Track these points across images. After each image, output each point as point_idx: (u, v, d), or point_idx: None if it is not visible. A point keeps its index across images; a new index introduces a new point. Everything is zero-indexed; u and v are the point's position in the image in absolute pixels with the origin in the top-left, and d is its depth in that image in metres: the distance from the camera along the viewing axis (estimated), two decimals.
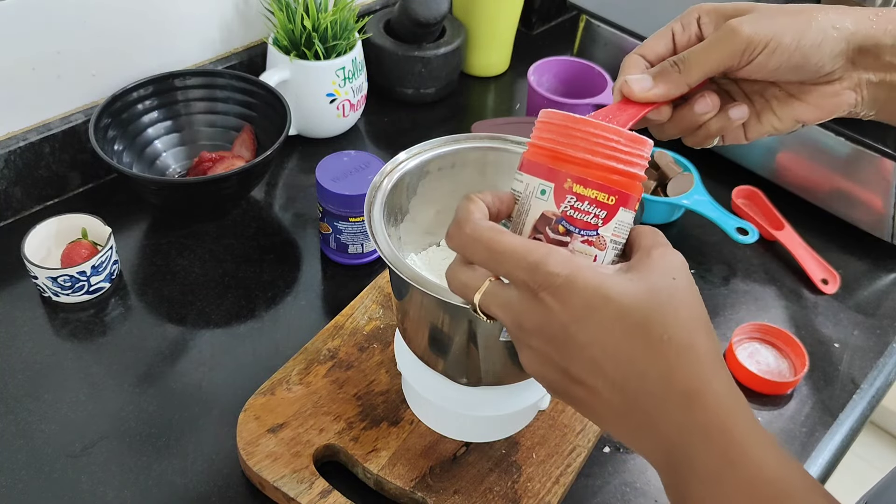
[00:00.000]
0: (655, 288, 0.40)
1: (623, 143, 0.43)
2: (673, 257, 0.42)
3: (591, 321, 0.39)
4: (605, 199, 0.42)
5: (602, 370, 0.39)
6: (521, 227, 0.45)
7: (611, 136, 0.43)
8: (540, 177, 0.44)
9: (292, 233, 0.87)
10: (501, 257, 0.41)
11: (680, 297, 0.40)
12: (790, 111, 0.52)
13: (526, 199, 0.44)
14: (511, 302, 0.41)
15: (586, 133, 0.43)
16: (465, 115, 1.08)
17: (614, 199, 0.43)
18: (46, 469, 0.64)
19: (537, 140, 0.45)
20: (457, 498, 0.62)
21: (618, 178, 0.43)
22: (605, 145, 0.42)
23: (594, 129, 0.43)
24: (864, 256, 0.90)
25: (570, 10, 1.29)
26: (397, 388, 0.69)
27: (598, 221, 0.43)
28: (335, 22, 0.91)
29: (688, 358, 0.39)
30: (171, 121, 0.90)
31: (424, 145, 0.62)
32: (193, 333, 0.76)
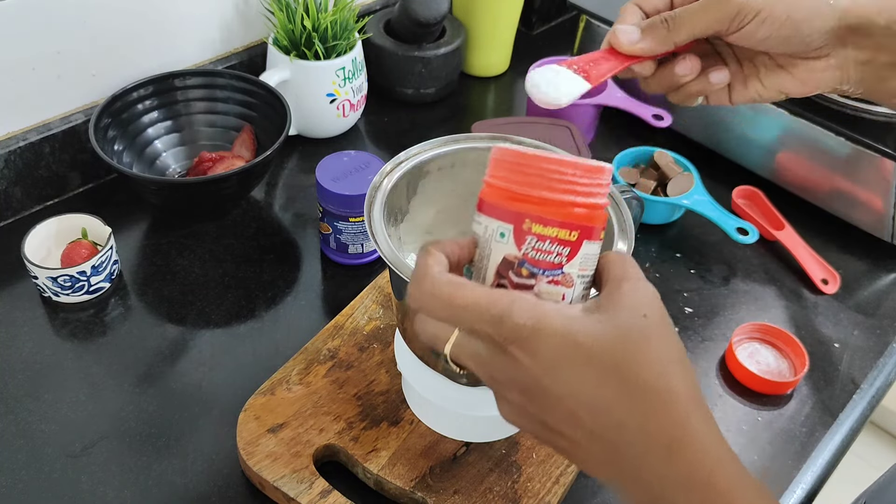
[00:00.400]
0: (626, 329, 0.38)
1: (580, 174, 0.40)
2: (643, 291, 0.40)
3: (563, 371, 0.38)
4: (567, 236, 0.40)
5: (579, 421, 0.38)
6: (484, 273, 0.42)
7: (566, 169, 0.40)
8: (498, 218, 0.42)
9: (292, 233, 0.87)
10: (463, 313, 0.39)
11: (652, 337, 0.38)
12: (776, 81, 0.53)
13: (486, 242, 0.42)
14: (480, 354, 0.40)
15: (540, 169, 0.40)
16: (465, 115, 1.08)
17: (577, 234, 0.41)
18: (46, 469, 0.64)
19: (491, 179, 0.43)
20: (457, 498, 0.62)
21: (579, 211, 0.40)
22: (560, 180, 0.40)
23: (548, 165, 0.40)
24: (864, 256, 0.90)
25: (570, 10, 1.29)
26: (397, 388, 0.69)
27: (562, 259, 0.41)
28: (335, 22, 0.91)
29: (665, 404, 0.38)
30: (171, 121, 0.90)
31: (424, 145, 0.62)
32: (193, 333, 0.76)
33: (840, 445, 0.73)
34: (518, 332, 0.38)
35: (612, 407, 0.38)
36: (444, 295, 0.40)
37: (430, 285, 0.40)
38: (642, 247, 0.89)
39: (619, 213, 0.58)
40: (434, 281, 0.40)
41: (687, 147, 0.99)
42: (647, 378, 0.38)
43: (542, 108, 0.54)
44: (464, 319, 0.39)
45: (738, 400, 0.75)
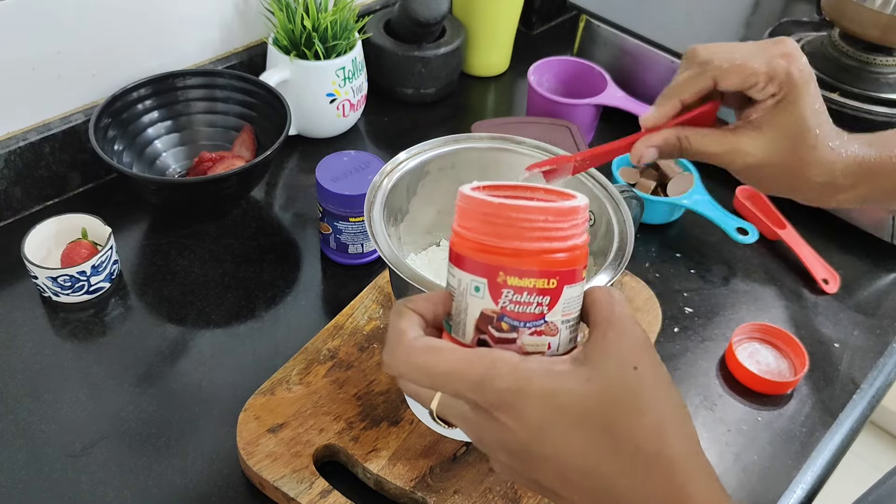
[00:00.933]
0: (615, 386, 0.36)
1: (552, 219, 0.38)
2: (631, 338, 0.38)
3: (550, 435, 0.36)
4: (546, 285, 0.38)
5: (570, 483, 0.37)
6: (463, 328, 0.40)
7: (536, 216, 0.37)
8: (470, 272, 0.39)
9: (292, 233, 0.87)
10: (442, 380, 0.38)
11: (643, 395, 0.37)
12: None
13: (462, 296, 0.40)
14: (467, 416, 0.39)
15: (508, 219, 0.38)
16: (465, 115, 1.08)
17: (556, 282, 0.38)
18: (46, 469, 0.64)
19: (459, 229, 0.40)
20: (457, 498, 0.62)
21: (558, 256, 0.38)
22: (532, 227, 0.37)
23: (516, 214, 0.37)
24: (864, 256, 0.90)
25: (570, 10, 1.29)
26: (397, 388, 0.69)
27: (543, 309, 0.38)
28: (335, 22, 0.91)
29: (659, 469, 0.36)
30: (171, 121, 0.90)
31: (424, 145, 0.62)
32: (193, 333, 0.76)
33: (840, 445, 0.73)
34: (501, 396, 0.37)
35: (602, 471, 0.36)
36: (421, 364, 0.38)
37: (405, 353, 0.39)
38: (642, 247, 0.89)
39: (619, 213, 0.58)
40: (409, 349, 0.39)
41: None
42: (638, 442, 0.36)
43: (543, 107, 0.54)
44: (444, 387, 0.38)
45: (738, 400, 0.75)
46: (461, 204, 0.40)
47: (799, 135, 0.50)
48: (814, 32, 1.02)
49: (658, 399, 0.37)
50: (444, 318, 0.42)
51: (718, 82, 0.50)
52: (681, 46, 0.98)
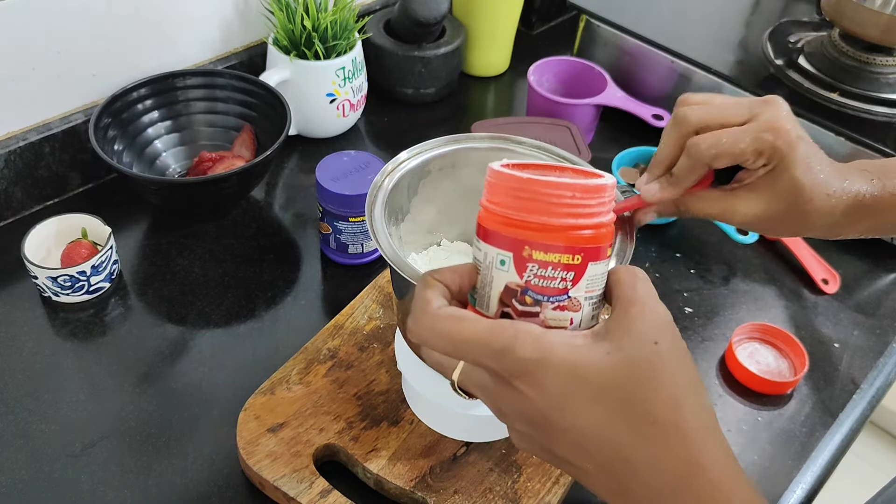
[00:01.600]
0: (634, 361, 0.37)
1: (578, 196, 0.38)
2: (652, 315, 0.39)
3: (569, 406, 0.37)
4: (570, 261, 0.39)
5: (588, 454, 0.38)
6: (487, 301, 0.41)
7: (564, 192, 0.38)
8: (497, 246, 0.40)
9: (292, 233, 0.87)
10: (466, 347, 0.39)
11: (663, 368, 0.38)
12: None
13: (487, 269, 0.41)
14: (487, 386, 0.40)
15: (537, 194, 0.38)
16: (465, 115, 1.08)
17: (581, 258, 0.39)
18: (46, 469, 0.64)
19: (487, 203, 0.41)
20: (457, 498, 0.62)
21: (584, 233, 0.39)
22: (560, 203, 0.38)
23: (545, 189, 0.38)
24: (864, 256, 0.90)
25: (570, 10, 1.29)
26: (397, 387, 0.69)
27: (567, 284, 0.39)
28: (335, 22, 0.91)
29: (675, 440, 0.37)
30: (171, 121, 0.90)
31: (425, 145, 0.62)
32: (193, 333, 0.76)
33: (840, 445, 0.73)
34: (522, 366, 0.37)
35: (621, 443, 0.37)
36: (445, 331, 0.39)
37: (430, 321, 0.40)
38: (642, 247, 0.89)
39: None
40: (434, 316, 0.40)
41: None
42: (657, 414, 0.37)
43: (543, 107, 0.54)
44: (466, 354, 0.39)
45: (737, 400, 0.75)
46: (490, 179, 0.41)
47: (793, 195, 0.52)
48: (814, 32, 1.02)
49: (676, 373, 0.38)
50: (469, 292, 0.43)
51: (712, 165, 0.52)
52: (681, 46, 0.98)
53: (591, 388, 0.37)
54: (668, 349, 0.38)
